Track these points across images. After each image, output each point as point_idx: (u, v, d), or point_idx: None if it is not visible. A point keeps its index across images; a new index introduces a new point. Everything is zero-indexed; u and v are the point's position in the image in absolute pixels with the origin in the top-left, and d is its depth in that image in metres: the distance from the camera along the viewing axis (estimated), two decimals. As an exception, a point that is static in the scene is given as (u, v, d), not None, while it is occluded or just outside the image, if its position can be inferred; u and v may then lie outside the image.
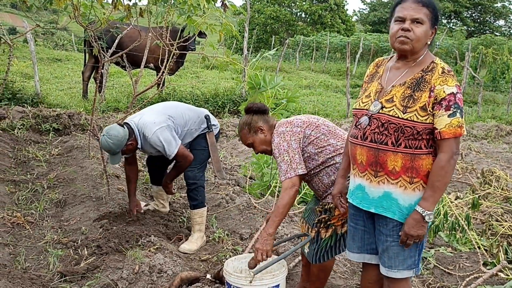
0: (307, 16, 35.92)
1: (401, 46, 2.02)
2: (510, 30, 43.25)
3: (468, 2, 40.86)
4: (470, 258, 3.74)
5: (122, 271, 3.00)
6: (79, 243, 3.47)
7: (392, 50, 2.11)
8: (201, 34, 8.14)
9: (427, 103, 1.96)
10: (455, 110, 1.94)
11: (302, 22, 36.13)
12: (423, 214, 1.99)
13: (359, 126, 2.12)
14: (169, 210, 4.30)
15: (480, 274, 3.37)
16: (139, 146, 3.62)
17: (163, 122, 3.56)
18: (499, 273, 3.35)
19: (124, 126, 3.56)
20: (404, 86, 2.03)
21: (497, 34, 38.14)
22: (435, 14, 2.02)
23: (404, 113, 1.98)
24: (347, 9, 37.70)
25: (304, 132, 2.57)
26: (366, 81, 2.26)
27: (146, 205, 4.22)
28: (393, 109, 2.00)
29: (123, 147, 3.51)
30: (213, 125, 3.88)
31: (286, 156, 2.50)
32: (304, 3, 35.08)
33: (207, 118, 3.83)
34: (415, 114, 1.97)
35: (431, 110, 1.97)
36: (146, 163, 4.41)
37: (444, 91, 1.95)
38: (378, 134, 2.04)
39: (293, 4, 35.99)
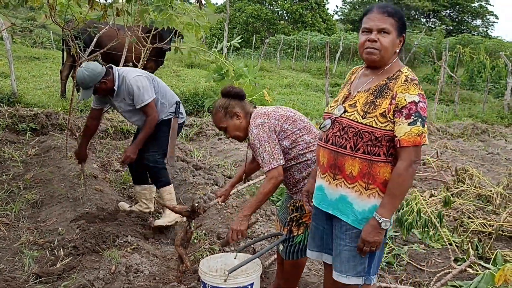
0: (288, 15, 36.04)
1: (369, 57, 2.07)
2: (486, 30, 44.09)
3: (446, 1, 41.56)
4: (442, 255, 3.84)
5: (99, 272, 3.01)
6: (56, 244, 3.46)
7: None
8: (178, 36, 8.16)
9: (387, 110, 1.99)
10: (415, 118, 1.95)
11: (283, 21, 36.24)
12: (380, 221, 2.01)
13: (323, 129, 2.18)
14: (152, 209, 4.30)
15: (450, 270, 3.47)
16: (115, 87, 3.78)
17: (146, 76, 3.81)
18: (468, 269, 3.45)
19: (105, 66, 3.78)
20: (368, 93, 2.08)
21: (474, 33, 38.85)
22: (402, 22, 2.06)
23: (363, 118, 2.01)
24: (328, 8, 37.95)
25: (281, 126, 2.60)
26: (341, 88, 2.31)
27: (130, 207, 4.23)
28: (354, 113, 2.05)
29: (97, 83, 3.68)
30: (180, 113, 4.08)
31: (268, 146, 2.54)
32: (285, 2, 35.18)
33: (177, 103, 4.05)
34: (374, 120, 2.00)
35: (391, 118, 1.99)
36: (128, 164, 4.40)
37: (405, 99, 1.96)
38: (338, 138, 2.09)
39: (274, 3, 36.08)
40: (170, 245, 3.80)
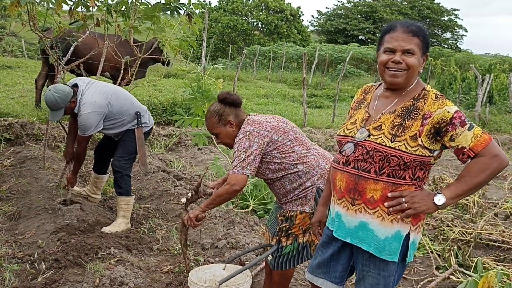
0: (263, 26, 36.36)
1: (393, 80, 1.95)
2: (456, 43, 45.40)
3: (417, 15, 42.71)
4: (423, 263, 3.91)
5: (82, 285, 2.95)
6: (36, 257, 3.37)
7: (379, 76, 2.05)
8: (166, 63, 8.61)
9: (418, 132, 1.87)
10: (470, 122, 1.86)
11: (258, 32, 36.54)
12: (436, 193, 1.88)
13: (343, 153, 2.04)
14: (100, 199, 4.64)
15: (433, 278, 3.52)
16: (75, 110, 3.89)
17: (100, 108, 3.84)
18: (451, 276, 3.52)
19: (70, 86, 3.89)
20: (394, 115, 1.95)
21: (445, 46, 39.98)
22: (426, 42, 1.97)
23: (392, 142, 1.88)
24: (302, 20, 38.43)
25: (271, 138, 2.58)
26: (353, 108, 2.18)
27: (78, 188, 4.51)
28: (381, 137, 1.91)
29: (67, 103, 3.80)
30: (144, 123, 4.17)
31: (243, 154, 2.52)
32: (260, 13, 35.50)
33: (137, 114, 4.11)
34: (403, 144, 1.87)
35: (424, 141, 1.87)
36: (94, 152, 4.59)
37: (448, 111, 1.85)
38: (361, 162, 1.95)
39: (249, 14, 36.36)
40: (153, 256, 3.75)
